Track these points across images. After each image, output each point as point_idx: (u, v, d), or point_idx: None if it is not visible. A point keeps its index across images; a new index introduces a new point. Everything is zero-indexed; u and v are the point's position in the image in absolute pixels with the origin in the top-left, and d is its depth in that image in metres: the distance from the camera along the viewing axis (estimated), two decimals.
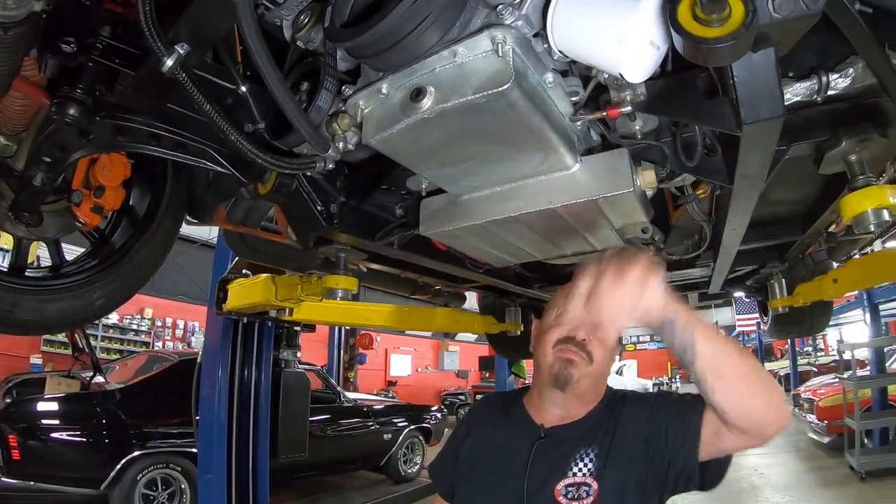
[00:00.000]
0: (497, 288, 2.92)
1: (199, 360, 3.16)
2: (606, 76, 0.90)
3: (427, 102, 0.82)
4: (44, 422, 4.65)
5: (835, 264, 2.62)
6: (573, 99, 0.98)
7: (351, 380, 11.94)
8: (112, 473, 4.56)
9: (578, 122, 1.05)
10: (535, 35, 0.84)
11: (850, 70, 0.98)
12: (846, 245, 2.35)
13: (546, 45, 0.84)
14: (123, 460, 4.63)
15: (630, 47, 0.71)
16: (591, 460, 1.18)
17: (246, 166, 1.19)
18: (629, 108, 0.93)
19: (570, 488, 1.15)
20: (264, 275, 2.38)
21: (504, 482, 1.21)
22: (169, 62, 0.86)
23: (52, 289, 1.33)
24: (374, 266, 2.07)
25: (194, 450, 4.96)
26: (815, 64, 0.99)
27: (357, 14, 0.88)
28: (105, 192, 1.33)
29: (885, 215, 1.16)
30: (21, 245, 1.45)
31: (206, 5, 0.87)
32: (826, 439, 8.40)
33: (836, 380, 8.88)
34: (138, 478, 4.72)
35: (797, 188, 1.84)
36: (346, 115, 0.97)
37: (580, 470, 1.16)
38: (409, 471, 7.61)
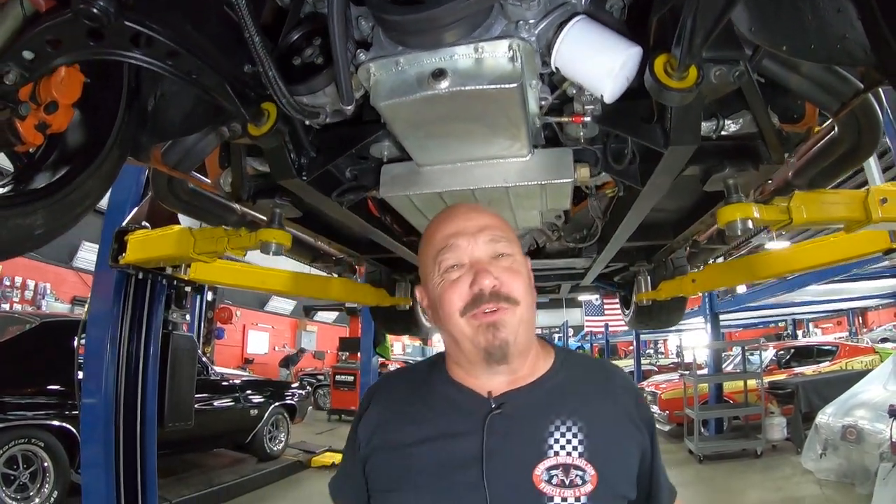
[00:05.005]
0: (389, 262, 3.18)
1: (83, 318, 2.95)
2: (575, 91, 1.20)
3: (445, 83, 1.03)
4: None
5: (689, 269, 3.22)
6: (542, 102, 1.25)
7: (208, 355, 11.52)
8: None
9: (538, 121, 1.32)
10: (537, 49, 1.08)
11: (741, 119, 1.38)
12: (705, 253, 2.92)
13: (540, 58, 1.09)
14: None
15: (615, 79, 1.01)
16: (575, 437, 0.95)
17: (247, 104, 1.24)
18: (589, 119, 1.25)
19: (554, 472, 0.92)
20: (177, 226, 2.38)
21: (452, 479, 0.94)
22: None
23: None
24: (290, 229, 2.18)
25: (56, 422, 4.73)
26: (717, 111, 1.37)
27: None
28: (57, 110, 1.23)
29: (749, 224, 1.62)
30: None
31: None
32: (667, 427, 9.97)
33: (678, 376, 10.45)
34: None
35: (676, 200, 2.30)
36: (356, 78, 1.12)
37: (563, 448, 0.94)
38: (275, 448, 7.67)
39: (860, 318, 21.10)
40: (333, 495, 1.15)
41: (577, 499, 0.90)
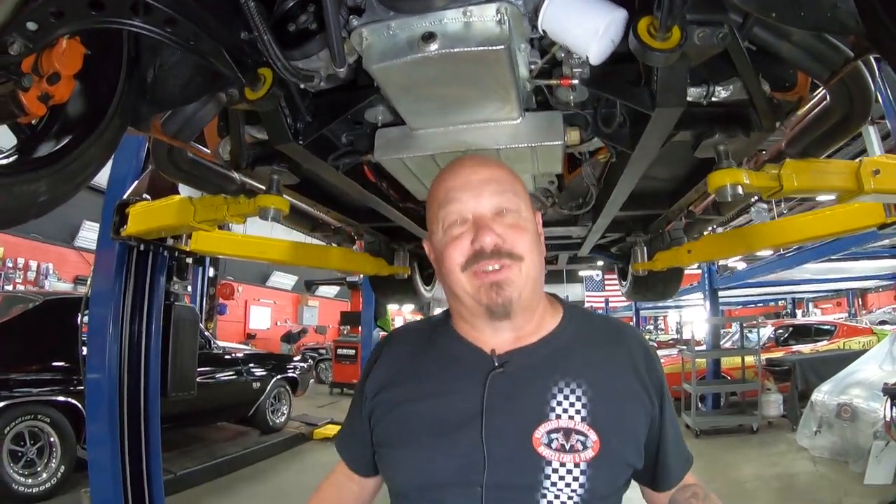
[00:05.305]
0: (388, 231, 3.23)
1: (86, 292, 2.99)
2: (563, 55, 1.23)
3: (435, 45, 1.06)
4: None
5: (686, 241, 3.25)
6: (531, 66, 1.29)
7: (210, 331, 11.70)
8: None
9: (528, 85, 1.36)
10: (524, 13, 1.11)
11: (731, 86, 1.40)
12: (700, 224, 2.95)
13: (528, 21, 1.12)
14: None
15: (600, 40, 1.04)
16: (578, 400, 0.93)
17: (244, 70, 1.27)
18: (577, 81, 1.29)
19: (554, 435, 0.90)
20: (178, 196, 2.41)
21: (451, 438, 0.93)
22: None
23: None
24: (289, 198, 2.22)
25: (62, 398, 4.80)
26: (707, 77, 1.40)
27: None
28: (60, 81, 1.27)
29: (739, 189, 1.65)
30: None
31: None
32: None
33: (677, 351, 10.55)
34: (5, 432, 4.41)
35: (670, 169, 2.33)
36: (349, 43, 1.16)
37: (565, 411, 0.92)
38: (277, 421, 7.82)
39: (860, 299, 21.22)
40: (340, 451, 1.18)
41: (577, 465, 0.89)
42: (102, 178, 2.02)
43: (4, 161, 1.38)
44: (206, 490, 5.88)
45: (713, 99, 1.43)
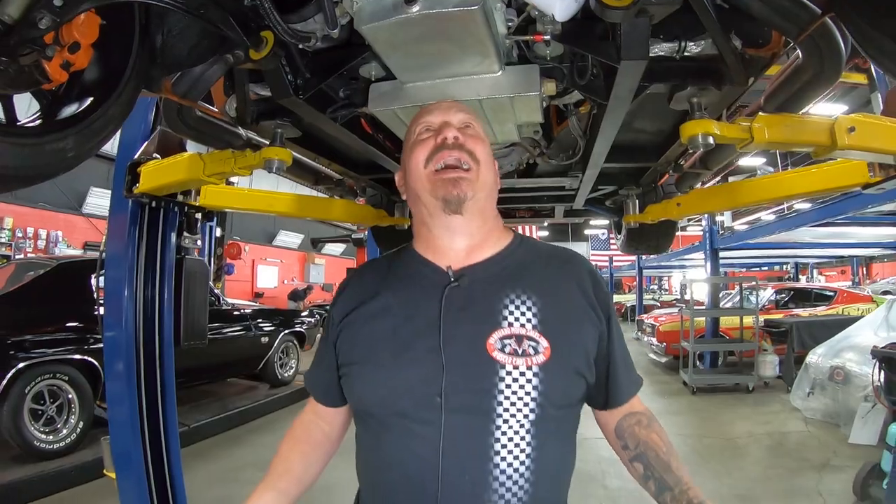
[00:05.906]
0: (388, 183, 3.37)
1: (101, 252, 3.14)
2: (537, 13, 1.35)
3: (416, 7, 1.19)
4: None
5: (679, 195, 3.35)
6: (508, 23, 1.42)
7: (219, 290, 11.96)
8: None
9: (507, 41, 1.49)
10: None
11: (702, 42, 1.52)
12: (691, 177, 3.06)
13: None
14: (10, 373, 4.54)
15: None
16: (529, 310, 1.02)
17: (248, 33, 1.41)
18: (549, 37, 1.41)
19: (507, 341, 0.98)
20: (187, 153, 2.54)
21: (411, 349, 1.01)
22: None
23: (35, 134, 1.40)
24: (293, 152, 2.36)
25: (78, 356, 5.03)
26: (679, 34, 1.51)
27: None
28: (79, 50, 1.39)
29: (710, 139, 1.76)
30: None
31: None
32: (664, 359, 10.36)
33: (677, 309, 10.76)
34: (26, 391, 4.64)
35: (655, 122, 2.45)
36: (341, 7, 1.30)
37: (517, 319, 1.00)
38: (286, 374, 8.12)
39: (864, 268, 21.19)
40: (308, 384, 1.28)
41: (529, 367, 0.97)
42: (109, 145, 2.16)
43: (32, 124, 1.53)
44: (218, 441, 6.21)
45: (685, 54, 1.55)
